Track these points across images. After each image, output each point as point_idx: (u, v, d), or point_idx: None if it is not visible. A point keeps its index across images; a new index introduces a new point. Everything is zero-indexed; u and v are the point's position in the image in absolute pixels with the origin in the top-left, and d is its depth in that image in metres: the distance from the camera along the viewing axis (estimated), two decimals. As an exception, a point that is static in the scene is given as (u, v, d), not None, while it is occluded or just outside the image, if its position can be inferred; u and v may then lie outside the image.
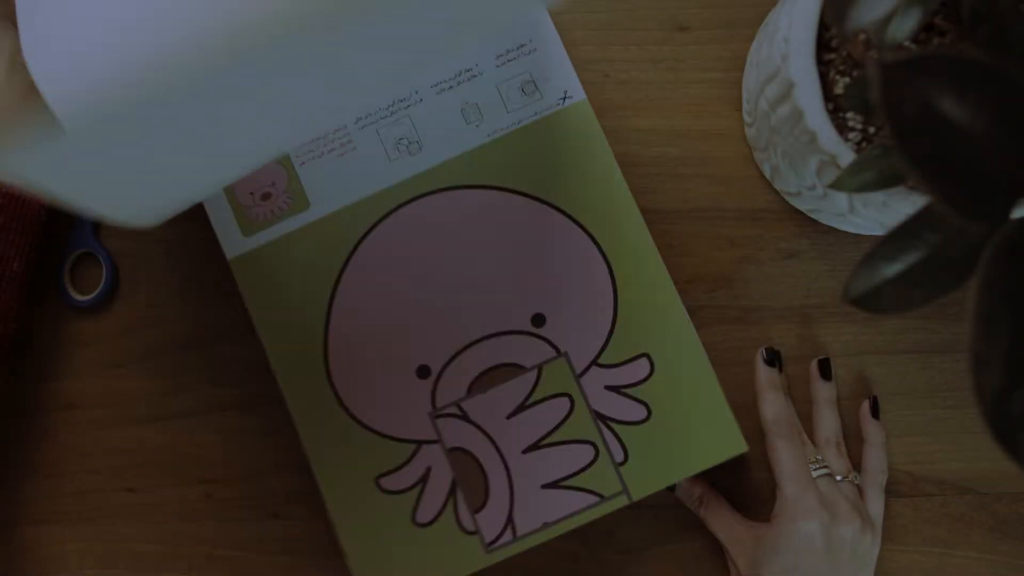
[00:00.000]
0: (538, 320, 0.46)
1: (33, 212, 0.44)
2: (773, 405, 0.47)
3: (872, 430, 0.49)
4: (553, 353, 0.46)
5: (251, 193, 0.47)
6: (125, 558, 0.50)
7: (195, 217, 0.48)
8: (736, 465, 0.49)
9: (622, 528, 0.49)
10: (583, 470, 0.46)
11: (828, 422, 0.48)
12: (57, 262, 0.50)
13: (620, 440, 0.46)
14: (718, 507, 0.48)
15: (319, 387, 0.46)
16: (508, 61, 0.47)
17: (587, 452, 0.46)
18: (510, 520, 0.45)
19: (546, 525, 0.45)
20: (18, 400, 0.49)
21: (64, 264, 0.50)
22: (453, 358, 0.46)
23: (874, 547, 0.46)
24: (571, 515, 0.45)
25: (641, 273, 0.46)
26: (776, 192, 0.50)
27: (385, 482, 0.46)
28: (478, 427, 0.46)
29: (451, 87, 0.47)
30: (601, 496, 0.45)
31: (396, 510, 0.46)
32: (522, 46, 0.47)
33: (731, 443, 0.46)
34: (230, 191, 0.47)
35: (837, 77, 0.39)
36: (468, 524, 0.46)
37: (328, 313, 0.47)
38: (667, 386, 0.46)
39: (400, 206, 0.47)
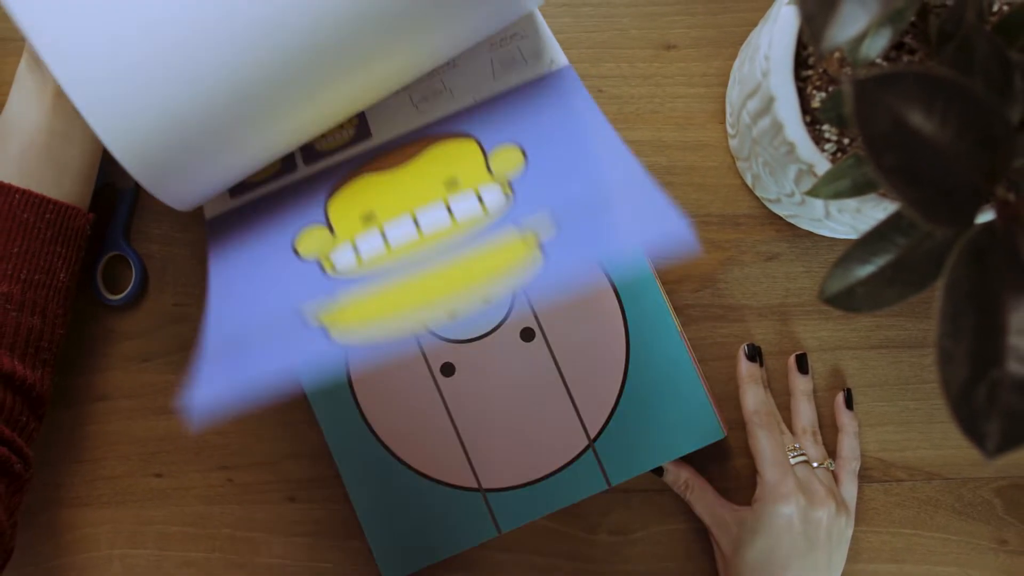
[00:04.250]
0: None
1: (79, 226, 0.44)
2: (754, 397, 0.47)
3: (846, 420, 0.49)
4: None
5: None
6: (153, 538, 0.50)
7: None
8: (719, 452, 0.49)
9: (614, 511, 0.49)
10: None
11: (805, 413, 0.48)
12: (90, 264, 0.50)
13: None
14: (703, 491, 0.47)
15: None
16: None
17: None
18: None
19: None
20: (56, 392, 0.49)
21: (97, 265, 0.50)
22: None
23: (848, 528, 0.46)
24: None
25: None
26: (757, 199, 0.50)
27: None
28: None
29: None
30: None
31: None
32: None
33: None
34: None
35: (814, 92, 0.39)
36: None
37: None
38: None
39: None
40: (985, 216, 0.24)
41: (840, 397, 0.49)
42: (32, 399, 0.42)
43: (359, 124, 0.45)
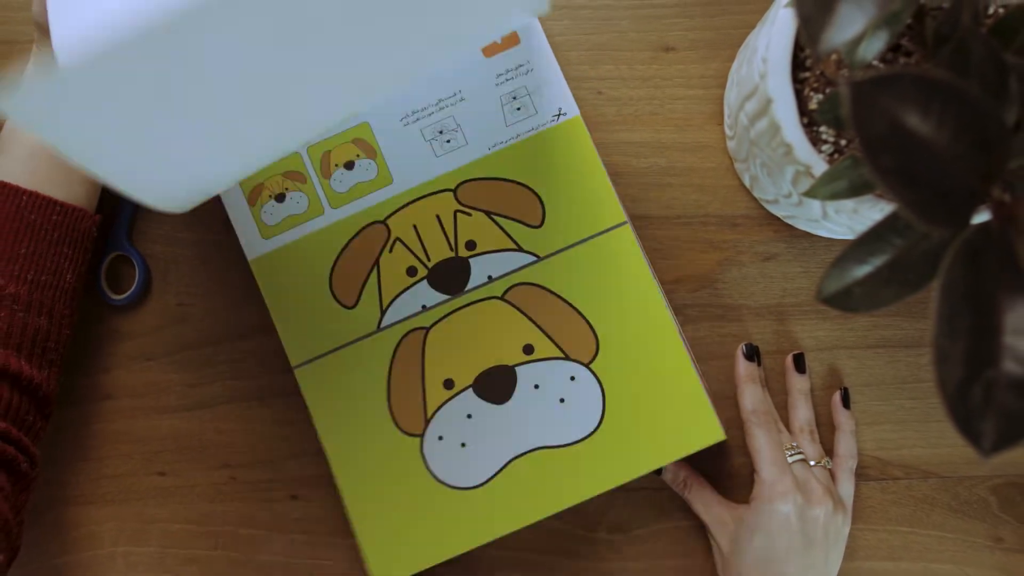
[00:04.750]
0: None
1: (86, 228, 0.44)
2: (752, 396, 0.47)
3: (843, 419, 0.49)
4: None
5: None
6: (156, 536, 0.50)
7: (220, 222, 0.48)
8: (718, 451, 0.49)
9: (614, 509, 0.49)
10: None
11: (802, 411, 0.48)
12: (94, 264, 0.50)
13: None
14: (702, 490, 0.48)
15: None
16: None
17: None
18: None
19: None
20: (60, 391, 0.49)
21: (101, 266, 0.50)
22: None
23: (845, 526, 0.46)
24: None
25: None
26: (755, 199, 0.50)
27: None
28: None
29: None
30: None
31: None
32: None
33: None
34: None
35: (811, 94, 0.39)
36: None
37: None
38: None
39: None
40: (981, 217, 0.24)
41: (837, 396, 0.49)
42: (39, 399, 0.42)
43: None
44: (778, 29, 0.38)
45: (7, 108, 0.27)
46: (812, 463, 0.46)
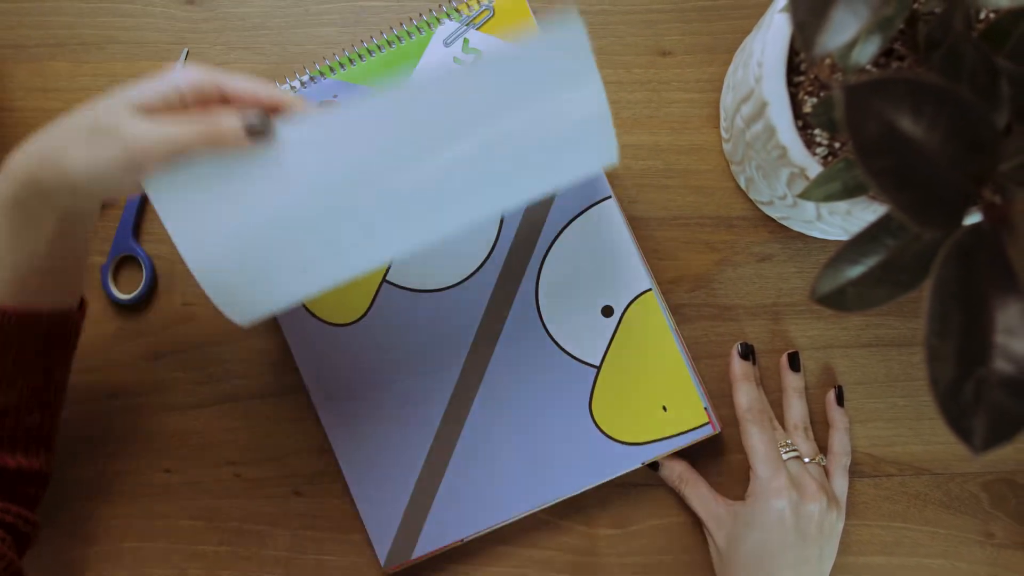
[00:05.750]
0: None
1: (72, 324, 0.43)
2: (747, 394, 0.47)
3: (837, 416, 0.49)
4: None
5: None
6: (162, 532, 0.50)
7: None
8: (713, 448, 0.49)
9: (611, 505, 0.49)
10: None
11: (797, 409, 0.48)
12: (102, 264, 0.50)
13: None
14: (698, 486, 0.48)
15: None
16: None
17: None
18: None
19: None
20: (69, 390, 0.49)
21: (108, 266, 0.50)
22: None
23: (839, 522, 0.46)
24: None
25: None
26: (750, 201, 0.50)
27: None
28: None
29: None
30: None
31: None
32: None
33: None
34: None
35: (806, 97, 0.39)
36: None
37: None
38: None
39: None
40: (972, 218, 0.24)
41: (831, 394, 0.49)
42: (38, 478, 0.43)
43: None
44: (773, 34, 0.39)
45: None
46: (806, 460, 0.46)
